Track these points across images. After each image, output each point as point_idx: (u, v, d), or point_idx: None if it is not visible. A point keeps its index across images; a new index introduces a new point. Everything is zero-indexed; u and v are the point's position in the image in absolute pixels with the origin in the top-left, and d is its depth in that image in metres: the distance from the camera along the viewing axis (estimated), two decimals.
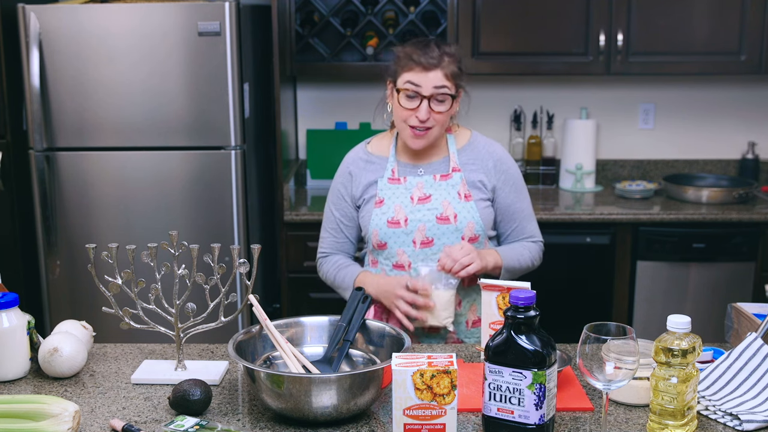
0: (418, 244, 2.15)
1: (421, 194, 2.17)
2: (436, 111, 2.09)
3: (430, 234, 2.15)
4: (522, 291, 1.50)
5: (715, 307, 3.39)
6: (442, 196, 2.16)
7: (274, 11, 3.37)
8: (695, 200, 3.57)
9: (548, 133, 3.94)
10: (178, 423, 1.58)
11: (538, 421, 1.49)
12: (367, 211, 2.20)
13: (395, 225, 2.16)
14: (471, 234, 2.16)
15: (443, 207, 2.15)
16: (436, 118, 2.10)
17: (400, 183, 2.19)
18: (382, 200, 2.19)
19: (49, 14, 3.11)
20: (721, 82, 3.93)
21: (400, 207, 2.17)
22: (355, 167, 2.25)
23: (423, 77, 2.08)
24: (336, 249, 2.29)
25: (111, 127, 3.18)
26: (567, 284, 3.47)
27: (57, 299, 3.29)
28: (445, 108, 2.10)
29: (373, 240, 2.19)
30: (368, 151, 2.27)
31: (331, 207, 2.29)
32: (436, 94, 2.08)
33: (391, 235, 2.17)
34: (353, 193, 2.24)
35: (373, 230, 2.18)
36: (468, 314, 2.21)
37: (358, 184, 2.23)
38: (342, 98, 3.99)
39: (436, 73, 2.08)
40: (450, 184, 2.17)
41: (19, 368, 1.83)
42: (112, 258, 1.78)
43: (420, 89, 2.08)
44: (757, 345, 1.72)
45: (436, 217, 2.15)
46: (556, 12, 3.55)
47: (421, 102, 2.09)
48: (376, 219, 2.18)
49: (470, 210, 2.16)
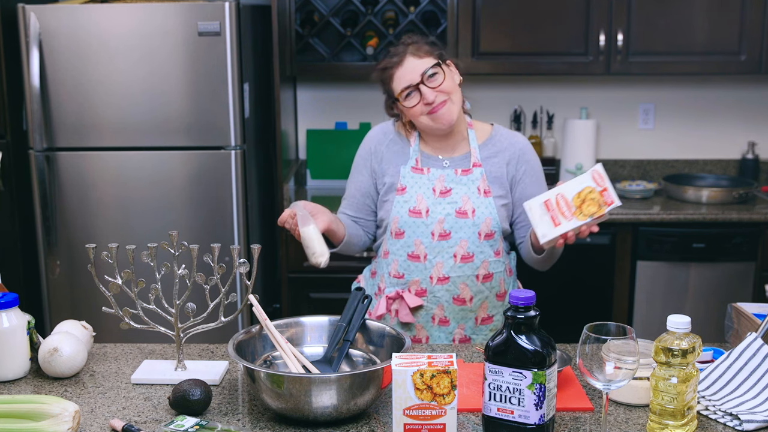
0: (436, 236, 2.17)
1: (443, 188, 2.18)
2: (435, 87, 2.11)
3: (447, 227, 2.16)
4: (522, 291, 1.51)
5: (715, 307, 3.39)
6: (462, 191, 2.18)
7: (274, 11, 3.37)
8: (695, 200, 3.57)
9: (548, 133, 3.94)
10: (178, 423, 1.58)
11: (538, 421, 1.49)
12: (390, 198, 2.22)
13: (417, 215, 2.17)
14: (488, 230, 2.17)
15: (462, 201, 2.17)
16: (442, 90, 2.12)
17: (423, 173, 2.20)
18: (404, 188, 2.20)
19: (49, 14, 3.11)
20: (721, 82, 3.93)
21: (422, 197, 2.18)
22: (379, 142, 2.27)
23: (402, 73, 2.14)
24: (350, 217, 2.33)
25: (111, 127, 3.18)
26: (567, 284, 3.47)
27: (57, 299, 3.29)
28: (440, 80, 2.12)
29: (392, 227, 2.20)
30: (395, 129, 2.28)
31: (350, 179, 2.33)
32: (425, 76, 2.11)
33: (411, 225, 2.18)
34: (374, 167, 2.26)
35: (393, 217, 2.20)
36: (478, 311, 2.21)
37: (381, 159, 2.25)
38: (342, 98, 3.99)
39: (408, 61, 2.13)
40: (471, 180, 2.19)
41: (19, 368, 1.83)
42: (112, 258, 1.79)
43: (410, 82, 2.12)
44: (757, 345, 1.72)
45: (456, 210, 2.17)
46: (556, 12, 3.55)
47: (419, 91, 2.11)
48: (397, 206, 2.19)
49: (488, 206, 2.17)
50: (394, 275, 2.22)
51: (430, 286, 2.18)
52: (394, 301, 2.22)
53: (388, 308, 2.23)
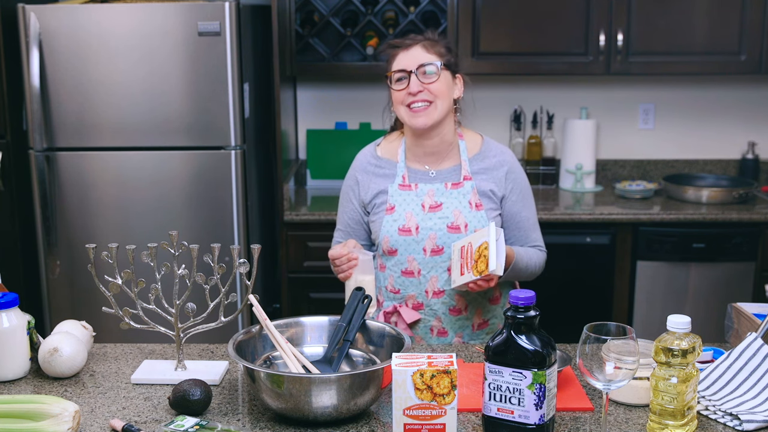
0: (428, 252, 2.16)
1: (432, 202, 2.17)
2: (425, 83, 2.11)
3: (440, 242, 2.15)
4: (522, 291, 1.51)
5: (715, 307, 3.39)
6: (453, 204, 2.17)
7: (274, 11, 3.37)
8: (695, 200, 3.57)
9: (548, 133, 3.94)
10: (178, 423, 1.58)
11: (538, 421, 1.49)
12: (379, 218, 2.21)
13: (406, 233, 2.16)
14: None
15: (454, 216, 2.16)
16: (431, 90, 2.11)
17: (411, 189, 2.19)
18: (393, 207, 2.19)
19: (49, 14, 3.11)
20: (721, 82, 3.93)
21: (411, 214, 2.17)
22: (364, 173, 2.26)
23: (405, 56, 2.15)
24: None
25: (111, 127, 3.18)
26: (567, 284, 3.47)
27: (57, 299, 3.29)
28: (433, 79, 2.11)
29: (383, 246, 2.20)
30: (378, 155, 2.27)
31: (341, 208, 2.32)
32: (421, 67, 2.12)
33: (401, 243, 2.17)
34: (362, 197, 2.25)
35: (384, 237, 2.18)
36: (474, 318, 2.21)
37: (367, 189, 2.24)
38: (342, 98, 3.99)
39: (416, 49, 2.15)
40: (461, 193, 2.17)
41: (19, 368, 1.83)
42: (112, 258, 1.79)
43: (405, 67, 2.13)
44: (757, 345, 1.72)
45: (447, 226, 2.15)
46: (556, 12, 3.55)
47: (410, 78, 2.11)
48: (387, 226, 2.18)
49: (480, 220, 2.16)
50: (390, 290, 2.22)
51: (426, 299, 2.18)
52: (392, 315, 2.22)
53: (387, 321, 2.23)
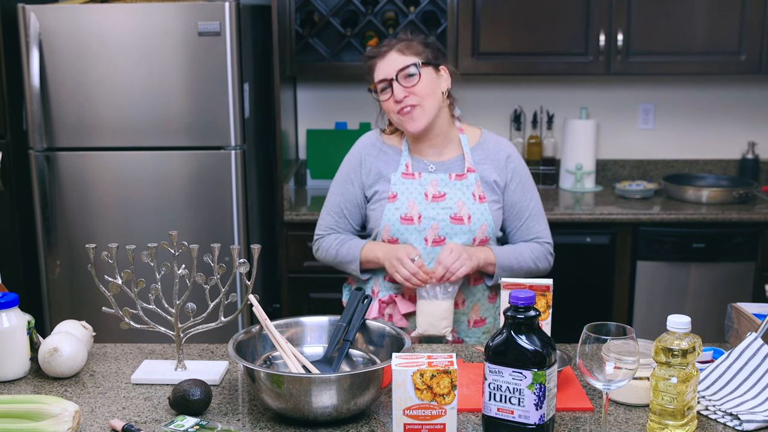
0: (429, 242, 2.16)
1: (436, 192, 2.17)
2: (408, 87, 2.10)
3: (442, 233, 2.15)
4: (522, 291, 1.50)
5: (715, 307, 3.39)
6: (456, 195, 2.16)
7: (274, 11, 3.37)
8: (695, 200, 3.57)
9: (548, 133, 3.94)
10: (178, 423, 1.58)
11: (538, 421, 1.49)
12: (380, 206, 2.19)
13: (408, 221, 2.16)
14: (483, 236, 2.16)
15: (458, 207, 2.15)
16: (415, 92, 2.11)
17: (414, 178, 2.19)
18: (395, 195, 2.18)
19: (49, 14, 3.11)
20: (721, 82, 3.93)
21: (414, 203, 2.16)
22: (367, 154, 2.25)
23: (383, 64, 2.14)
24: (335, 231, 2.28)
25: (111, 127, 3.18)
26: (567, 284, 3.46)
27: (57, 299, 3.29)
28: (415, 81, 2.10)
29: (384, 235, 2.18)
30: (382, 140, 2.27)
31: (335, 191, 2.28)
32: (399, 73, 2.11)
33: (403, 232, 2.16)
34: (363, 179, 2.23)
35: (385, 225, 2.17)
36: (470, 313, 2.21)
37: (369, 171, 2.23)
38: (342, 98, 3.99)
39: (392, 55, 2.14)
40: (465, 185, 2.17)
41: (19, 368, 1.83)
42: (112, 258, 1.79)
43: (385, 75, 2.12)
44: (757, 345, 1.72)
45: (450, 216, 2.15)
46: (556, 12, 3.55)
47: (392, 87, 2.11)
48: (388, 214, 2.17)
49: (484, 212, 2.16)
50: (388, 279, 2.21)
51: None
52: (388, 305, 2.22)
53: (381, 312, 2.22)
